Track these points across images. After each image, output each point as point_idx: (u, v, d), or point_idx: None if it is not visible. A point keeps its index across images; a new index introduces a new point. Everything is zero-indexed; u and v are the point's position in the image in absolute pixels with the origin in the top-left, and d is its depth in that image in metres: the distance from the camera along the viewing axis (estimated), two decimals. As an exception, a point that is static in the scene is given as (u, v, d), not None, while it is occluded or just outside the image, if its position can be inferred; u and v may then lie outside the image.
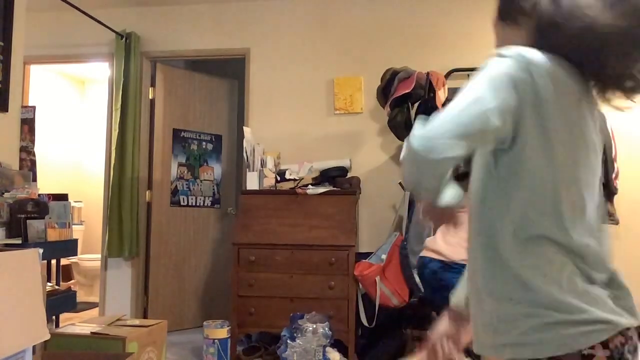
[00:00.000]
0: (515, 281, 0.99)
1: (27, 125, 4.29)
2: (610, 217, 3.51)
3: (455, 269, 2.41)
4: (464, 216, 1.15)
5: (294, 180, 3.78)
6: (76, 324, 2.53)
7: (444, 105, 3.45)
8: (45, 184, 4.87)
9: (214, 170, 4.84)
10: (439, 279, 2.50)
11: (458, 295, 1.29)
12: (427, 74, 3.61)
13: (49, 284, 3.01)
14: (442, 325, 1.30)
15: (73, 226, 3.20)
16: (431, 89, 3.57)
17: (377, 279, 3.31)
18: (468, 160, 1.06)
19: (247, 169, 3.89)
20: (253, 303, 3.47)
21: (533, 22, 1.05)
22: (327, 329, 3.11)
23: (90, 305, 5.13)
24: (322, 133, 4.18)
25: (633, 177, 3.74)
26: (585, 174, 1.01)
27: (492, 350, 1.04)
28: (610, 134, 3.46)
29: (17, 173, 3.16)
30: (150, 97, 4.52)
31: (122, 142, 4.29)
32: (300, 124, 4.24)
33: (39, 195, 3.11)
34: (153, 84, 4.54)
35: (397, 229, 3.76)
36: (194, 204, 4.71)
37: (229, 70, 4.94)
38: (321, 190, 3.63)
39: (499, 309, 1.01)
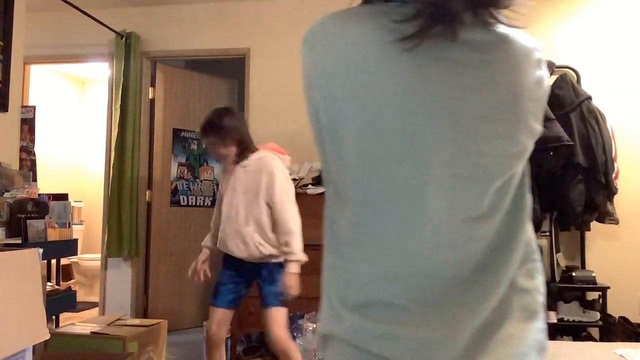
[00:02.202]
0: None
1: (27, 125, 4.29)
2: (610, 217, 3.51)
3: None
4: None
5: (294, 180, 3.77)
6: (76, 324, 2.53)
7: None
8: (45, 184, 4.87)
9: (214, 169, 4.84)
10: None
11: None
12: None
13: (49, 283, 3.01)
14: None
15: (73, 226, 3.20)
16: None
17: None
18: None
19: (247, 169, 3.88)
20: (253, 303, 3.47)
21: None
22: (327, 328, 3.10)
23: (90, 305, 5.13)
24: (322, 133, 4.17)
25: (633, 177, 3.74)
26: None
27: None
28: (611, 134, 3.46)
29: (17, 173, 3.16)
30: (150, 97, 4.52)
31: (122, 142, 4.29)
32: (300, 124, 4.24)
33: (39, 195, 3.11)
34: (153, 84, 4.53)
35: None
36: (194, 203, 4.71)
37: (229, 70, 4.94)
38: (321, 190, 3.63)
39: None
